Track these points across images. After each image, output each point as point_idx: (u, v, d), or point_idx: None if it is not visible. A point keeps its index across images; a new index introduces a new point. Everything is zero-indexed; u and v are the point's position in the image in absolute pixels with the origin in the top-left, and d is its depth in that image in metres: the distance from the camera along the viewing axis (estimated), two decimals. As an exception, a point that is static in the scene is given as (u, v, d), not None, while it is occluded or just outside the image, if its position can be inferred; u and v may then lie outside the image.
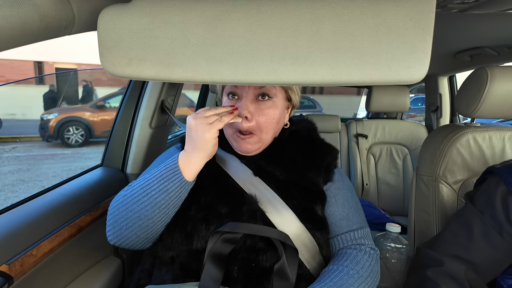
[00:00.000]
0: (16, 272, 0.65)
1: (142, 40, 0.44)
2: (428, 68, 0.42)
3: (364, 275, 0.66)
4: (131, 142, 1.15)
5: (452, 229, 0.81)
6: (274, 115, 0.71)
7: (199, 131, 0.63)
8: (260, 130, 0.71)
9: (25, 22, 0.38)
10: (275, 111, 0.71)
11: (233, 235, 0.65)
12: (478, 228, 0.75)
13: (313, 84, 0.44)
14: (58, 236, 0.78)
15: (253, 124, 0.70)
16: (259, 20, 0.42)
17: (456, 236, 0.78)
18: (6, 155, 5.27)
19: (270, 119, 0.71)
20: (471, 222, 0.77)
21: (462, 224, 0.79)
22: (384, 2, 0.41)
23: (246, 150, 0.73)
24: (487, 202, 0.76)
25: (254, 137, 0.71)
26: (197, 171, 0.66)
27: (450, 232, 0.81)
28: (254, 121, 0.70)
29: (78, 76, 7.57)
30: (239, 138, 0.72)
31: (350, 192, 0.80)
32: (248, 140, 0.71)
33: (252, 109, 0.69)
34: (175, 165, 0.66)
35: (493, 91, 0.86)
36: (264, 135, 0.72)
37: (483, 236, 0.74)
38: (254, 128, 0.70)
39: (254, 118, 0.70)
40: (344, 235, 0.74)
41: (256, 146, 0.73)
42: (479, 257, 0.74)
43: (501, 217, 0.72)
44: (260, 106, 0.70)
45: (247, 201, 0.69)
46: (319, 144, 0.81)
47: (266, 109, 0.70)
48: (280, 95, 0.73)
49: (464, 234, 0.77)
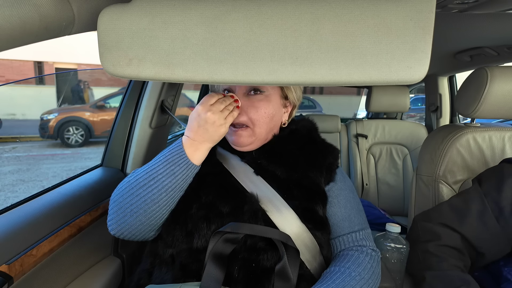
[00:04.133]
0: (16, 272, 0.65)
1: (142, 40, 0.44)
2: (428, 68, 0.42)
3: (365, 277, 0.66)
4: (131, 142, 1.15)
5: (452, 203, 0.84)
6: (266, 109, 0.72)
7: (216, 126, 0.64)
8: (252, 124, 0.72)
9: (25, 22, 0.38)
10: (267, 106, 0.72)
11: (235, 235, 0.65)
12: (476, 207, 0.78)
13: (313, 84, 0.44)
14: (58, 236, 0.78)
15: (245, 119, 0.72)
16: (259, 20, 0.42)
17: (453, 210, 0.82)
18: (6, 155, 5.27)
19: (262, 113, 0.72)
20: (471, 201, 0.80)
21: (462, 200, 0.82)
22: (384, 2, 0.41)
23: (240, 143, 0.74)
24: (494, 186, 0.78)
25: (248, 130, 0.73)
26: (204, 157, 0.68)
27: (449, 205, 0.84)
28: (245, 115, 0.71)
29: (78, 76, 7.57)
30: (232, 131, 0.73)
31: (352, 193, 0.80)
32: (241, 132, 0.73)
33: (243, 103, 0.71)
34: (180, 149, 0.67)
35: (493, 91, 0.86)
36: (257, 128, 0.73)
37: (478, 215, 0.77)
38: (246, 122, 0.72)
39: (246, 112, 0.71)
40: (346, 236, 0.74)
41: (250, 139, 0.73)
42: (469, 234, 0.77)
43: (504, 203, 0.74)
44: (251, 100, 0.72)
45: (249, 201, 0.69)
46: (321, 144, 0.81)
47: (257, 103, 0.72)
48: (273, 91, 0.74)
49: (461, 209, 0.80)
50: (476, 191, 0.80)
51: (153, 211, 0.66)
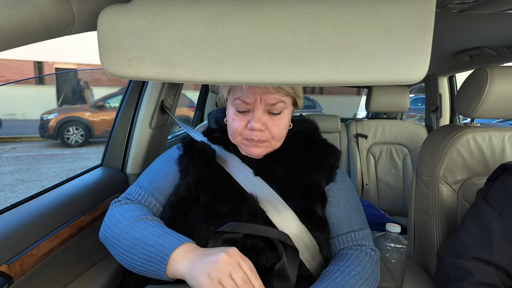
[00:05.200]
0: (16, 272, 0.65)
1: (142, 40, 0.44)
2: (428, 68, 0.42)
3: (365, 276, 0.66)
4: (131, 142, 1.15)
5: (471, 231, 0.78)
6: (286, 123, 0.72)
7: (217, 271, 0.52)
8: (273, 138, 0.71)
9: (25, 22, 0.38)
10: (286, 120, 0.72)
11: (234, 235, 0.65)
12: (497, 229, 0.73)
13: (313, 84, 0.44)
14: (58, 236, 0.78)
15: (266, 134, 0.70)
16: (259, 20, 0.42)
17: (477, 239, 0.76)
18: (6, 155, 5.26)
19: (282, 129, 0.72)
20: (490, 223, 0.75)
21: (480, 225, 0.77)
22: (384, 2, 0.41)
23: (256, 154, 0.73)
24: (504, 201, 0.74)
25: (266, 143, 0.72)
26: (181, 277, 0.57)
27: (469, 234, 0.78)
28: (267, 131, 0.70)
29: (78, 76, 7.57)
30: (250, 144, 0.71)
31: (352, 192, 0.80)
32: (260, 145, 0.71)
33: (264, 120, 0.69)
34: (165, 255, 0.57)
35: (493, 91, 0.86)
36: (275, 142, 0.73)
37: (504, 237, 0.72)
38: (267, 137, 0.70)
39: (269, 130, 0.70)
40: (345, 235, 0.74)
41: (266, 150, 0.74)
42: (503, 259, 0.72)
43: None
44: (272, 119, 0.70)
45: (248, 201, 0.69)
46: (322, 144, 0.81)
47: (278, 120, 0.70)
48: (289, 103, 0.71)
49: (485, 237, 0.75)
50: (488, 211, 0.76)
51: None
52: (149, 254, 0.59)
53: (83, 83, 7.54)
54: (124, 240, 0.63)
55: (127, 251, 0.62)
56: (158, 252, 0.58)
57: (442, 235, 0.98)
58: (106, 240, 0.68)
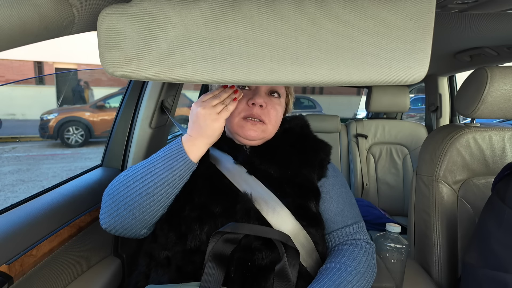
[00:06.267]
0: (16, 272, 0.65)
1: (142, 40, 0.44)
2: (428, 68, 0.42)
3: (361, 271, 0.67)
4: (131, 142, 1.15)
5: (499, 239, 0.74)
6: (280, 111, 0.77)
7: (208, 121, 0.65)
8: (269, 120, 0.74)
9: (25, 22, 0.38)
10: (281, 108, 0.78)
11: (234, 235, 0.65)
12: None
13: (313, 84, 0.44)
14: (58, 236, 0.78)
15: (266, 113, 0.74)
16: (259, 20, 0.42)
17: (507, 247, 0.72)
18: (6, 155, 5.26)
19: (279, 115, 0.77)
20: None
21: (508, 232, 0.73)
22: (384, 2, 0.41)
23: (252, 136, 0.74)
24: None
25: (263, 125, 0.74)
26: (201, 154, 0.69)
27: (499, 243, 0.74)
28: (266, 110, 0.74)
29: (78, 76, 7.57)
30: (248, 123, 0.73)
31: (344, 187, 0.81)
32: (257, 126, 0.73)
33: (266, 102, 0.74)
34: (179, 146, 0.68)
35: (493, 91, 0.86)
36: (270, 126, 0.75)
37: None
38: (265, 115, 0.74)
39: (268, 111, 0.74)
40: (340, 230, 0.75)
41: (261, 134, 0.75)
42: None
43: None
44: (271, 100, 0.76)
45: (241, 200, 0.69)
46: (312, 140, 0.82)
47: (276, 105, 0.76)
48: (283, 96, 0.79)
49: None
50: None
51: (147, 205, 0.66)
52: (167, 156, 0.67)
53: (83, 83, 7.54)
54: (137, 171, 0.68)
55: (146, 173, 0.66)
56: (171, 150, 0.67)
57: (442, 235, 0.98)
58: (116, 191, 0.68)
